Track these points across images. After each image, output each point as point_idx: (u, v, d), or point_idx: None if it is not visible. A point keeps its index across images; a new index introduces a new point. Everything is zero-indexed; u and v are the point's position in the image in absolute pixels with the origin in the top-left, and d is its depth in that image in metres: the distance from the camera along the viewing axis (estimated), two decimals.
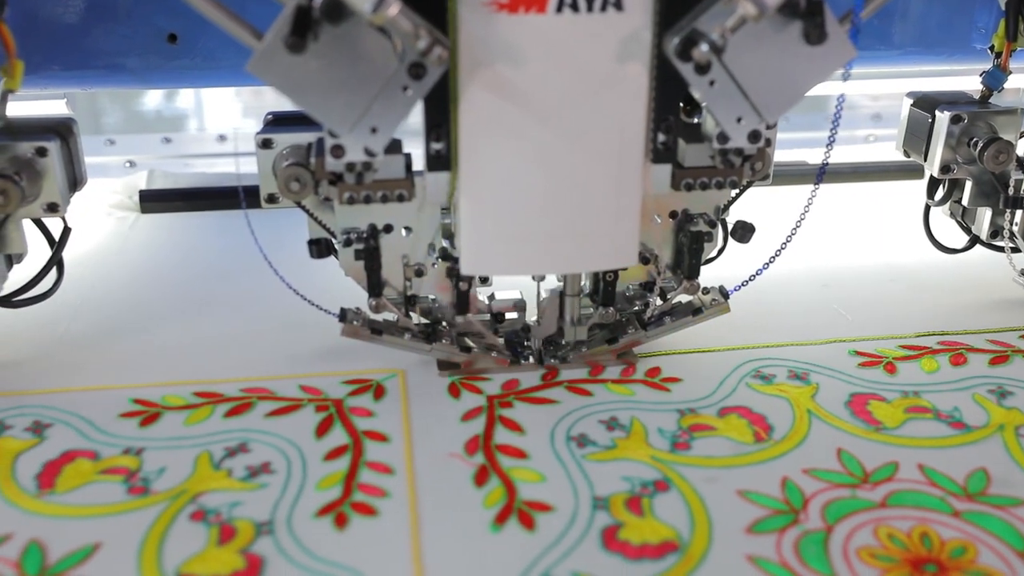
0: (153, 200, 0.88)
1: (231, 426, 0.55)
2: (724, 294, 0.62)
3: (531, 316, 0.62)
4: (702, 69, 0.50)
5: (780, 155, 0.62)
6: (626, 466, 0.52)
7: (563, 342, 0.61)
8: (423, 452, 0.53)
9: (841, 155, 1.06)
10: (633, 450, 0.53)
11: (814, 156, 1.06)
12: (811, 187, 0.58)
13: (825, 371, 0.62)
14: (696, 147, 0.55)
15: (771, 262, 0.60)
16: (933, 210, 0.74)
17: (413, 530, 0.47)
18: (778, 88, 0.51)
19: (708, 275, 0.61)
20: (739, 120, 0.52)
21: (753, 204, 0.68)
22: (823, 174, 0.58)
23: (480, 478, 0.51)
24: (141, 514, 0.48)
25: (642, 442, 0.54)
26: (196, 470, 0.51)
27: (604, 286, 0.60)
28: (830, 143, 0.55)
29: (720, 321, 0.63)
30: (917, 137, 0.71)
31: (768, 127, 0.53)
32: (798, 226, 0.58)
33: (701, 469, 0.52)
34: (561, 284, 0.61)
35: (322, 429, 0.55)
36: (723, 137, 0.53)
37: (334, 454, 0.53)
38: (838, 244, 0.84)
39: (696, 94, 0.51)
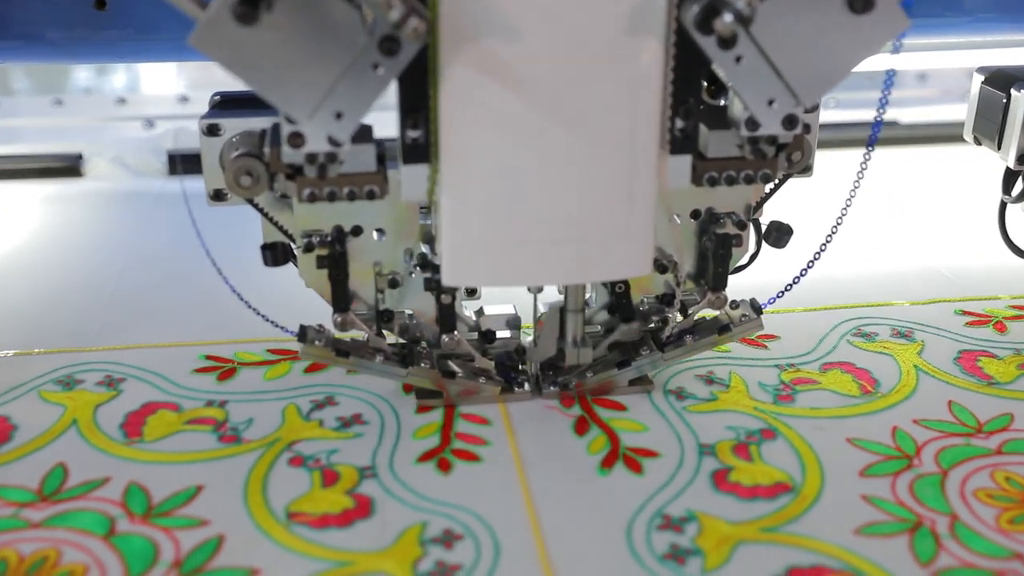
0: (183, 162, 0.97)
1: (313, 381, 0.64)
2: (756, 308, 0.62)
3: (526, 335, 0.64)
4: (726, 43, 0.49)
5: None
6: (729, 417, 0.61)
7: (564, 366, 0.62)
8: (517, 405, 0.62)
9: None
10: (735, 402, 0.62)
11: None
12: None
13: (930, 329, 0.71)
14: (721, 134, 0.54)
15: (815, 261, 0.60)
16: (1010, 207, 0.73)
17: (520, 473, 0.55)
18: (817, 65, 0.50)
19: (737, 286, 0.62)
20: (771, 103, 0.51)
21: (786, 194, 0.65)
22: (875, 140, 0.55)
23: (580, 428, 0.59)
24: (238, 459, 0.56)
25: (744, 395, 0.63)
26: (286, 421, 0.60)
27: (617, 299, 0.61)
28: (880, 110, 0.54)
29: (815, 280, 0.70)
30: (989, 121, 0.70)
31: (807, 111, 0.52)
32: (843, 215, 0.58)
33: (807, 419, 0.60)
34: (562, 297, 0.60)
35: (409, 385, 0.63)
36: (752, 123, 0.52)
37: (426, 407, 0.61)
38: (925, 206, 0.93)
39: (720, 72, 0.51)
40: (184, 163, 0.98)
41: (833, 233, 0.59)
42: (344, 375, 0.65)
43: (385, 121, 0.54)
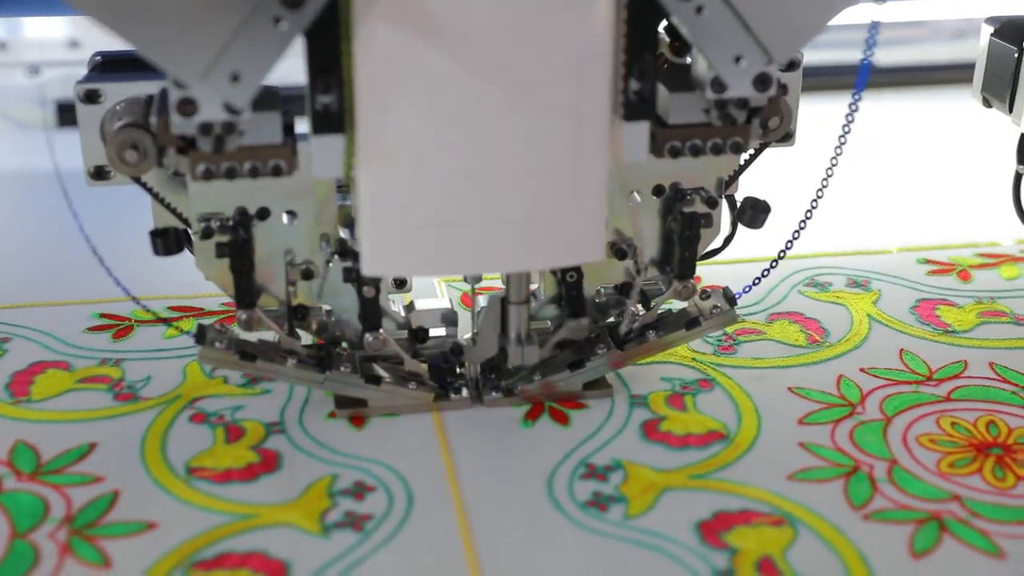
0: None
1: None
2: (730, 299, 0.62)
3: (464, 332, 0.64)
4: None
5: None
6: (666, 368, 0.66)
7: (509, 367, 0.62)
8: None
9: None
10: (672, 353, 0.67)
11: None
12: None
13: (889, 278, 0.77)
14: (683, 97, 0.53)
15: (796, 237, 0.61)
16: None
17: (438, 427, 0.60)
18: (789, 15, 0.50)
19: (708, 273, 0.64)
20: (738, 60, 0.51)
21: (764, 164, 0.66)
22: (863, 86, 0.54)
23: None
24: (135, 417, 0.61)
25: (683, 346, 0.68)
26: (188, 378, 0.65)
27: (567, 290, 0.61)
28: (867, 54, 0.53)
29: (767, 228, 0.76)
30: (1000, 79, 0.72)
31: (782, 69, 0.52)
32: (824, 185, 0.58)
33: (748, 370, 0.66)
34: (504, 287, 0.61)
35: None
36: (718, 84, 0.51)
37: None
38: (901, 153, 0.99)
39: (679, 26, 0.50)
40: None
41: (813, 207, 0.59)
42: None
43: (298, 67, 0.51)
